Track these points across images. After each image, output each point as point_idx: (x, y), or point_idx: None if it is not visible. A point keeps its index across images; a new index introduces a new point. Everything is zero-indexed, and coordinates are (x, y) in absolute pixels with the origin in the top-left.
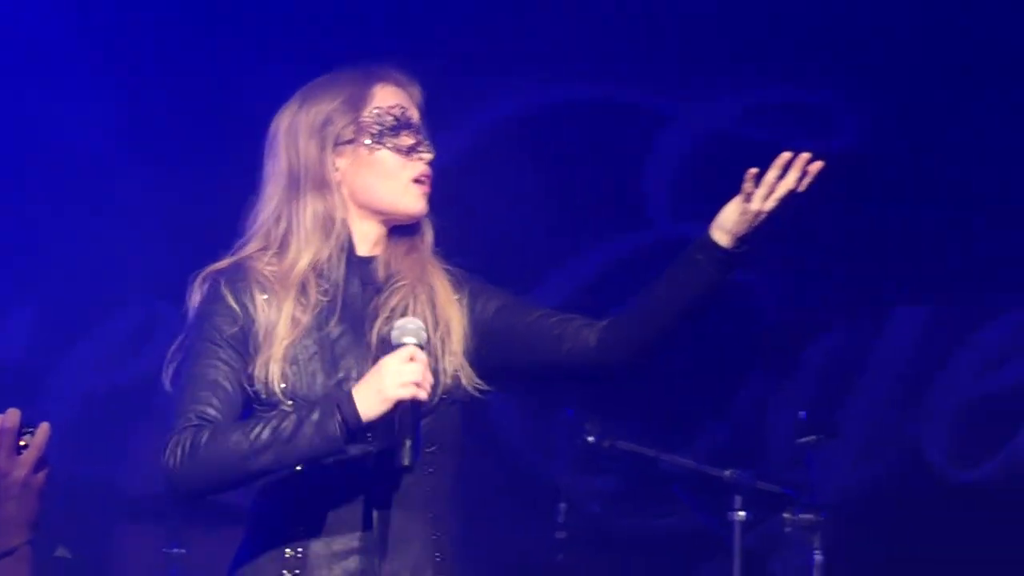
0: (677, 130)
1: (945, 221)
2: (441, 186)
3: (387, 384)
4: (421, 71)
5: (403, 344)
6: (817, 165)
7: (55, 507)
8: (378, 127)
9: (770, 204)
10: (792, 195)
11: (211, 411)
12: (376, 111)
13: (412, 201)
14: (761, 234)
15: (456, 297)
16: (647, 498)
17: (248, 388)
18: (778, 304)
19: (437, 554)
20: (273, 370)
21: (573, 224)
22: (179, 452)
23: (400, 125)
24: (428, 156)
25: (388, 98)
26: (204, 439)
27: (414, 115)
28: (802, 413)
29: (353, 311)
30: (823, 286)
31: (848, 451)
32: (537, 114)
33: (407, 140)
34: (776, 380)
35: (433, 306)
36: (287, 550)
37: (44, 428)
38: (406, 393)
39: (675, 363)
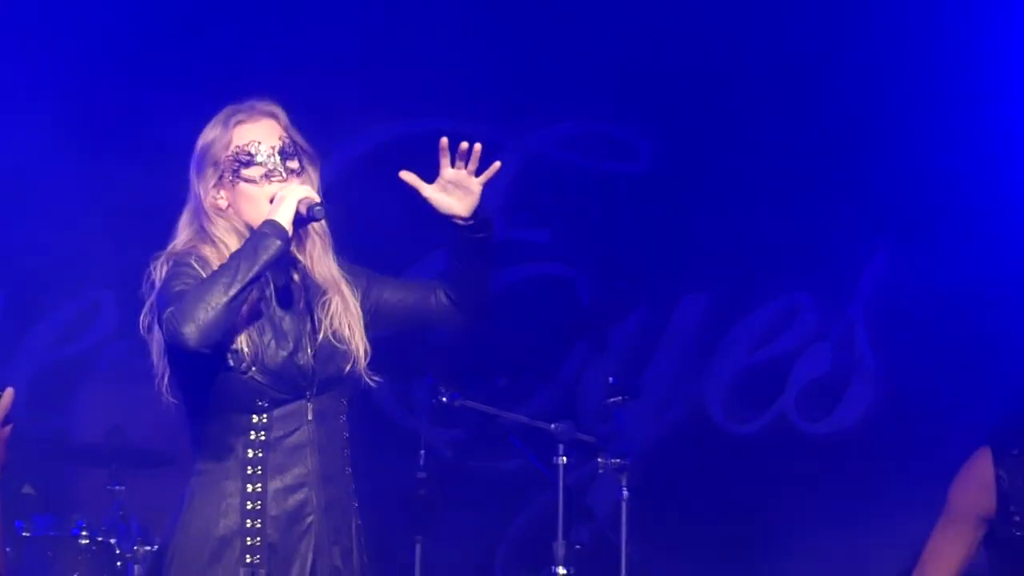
0: (509, 154)
1: (721, 226)
2: (328, 200)
3: (289, 195)
4: (303, 109)
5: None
6: (477, 148)
7: (20, 454)
8: (237, 164)
9: (478, 187)
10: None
11: None
12: (235, 150)
13: (281, 222)
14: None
15: (354, 288)
16: (489, 446)
17: None
18: (591, 293)
19: (351, 486)
20: (241, 338)
21: (427, 229)
22: (173, 314)
23: (251, 160)
24: (279, 179)
25: (244, 136)
26: (185, 298)
27: (267, 146)
28: (611, 379)
29: (285, 292)
30: (627, 279)
31: (647, 408)
32: (397, 143)
33: (260, 170)
34: (590, 353)
35: (346, 303)
36: (248, 486)
37: (9, 392)
38: (304, 194)
39: (511, 339)
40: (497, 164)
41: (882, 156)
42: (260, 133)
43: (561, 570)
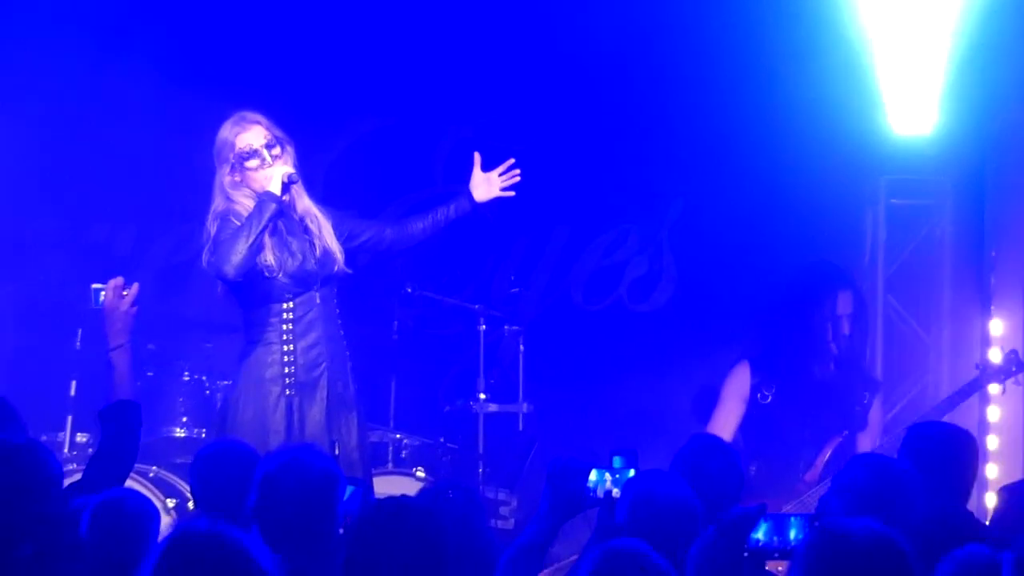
0: (450, 140)
1: (576, 183)
2: (324, 174)
3: (275, 174)
4: (291, 115)
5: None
6: (516, 172)
7: (146, 324)
8: (240, 159)
9: (498, 189)
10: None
11: None
12: (238, 151)
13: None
14: None
15: (330, 222)
16: (440, 320)
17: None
18: (497, 228)
19: (344, 343)
20: (268, 256)
21: (392, 182)
22: (216, 259)
23: (249, 156)
24: (268, 165)
25: (242, 141)
26: (221, 247)
27: (259, 145)
28: (512, 276)
29: (290, 225)
30: (518, 218)
31: (535, 294)
32: (375, 134)
33: (255, 162)
34: (498, 261)
35: (322, 228)
36: (284, 347)
37: (135, 286)
38: (283, 170)
39: (451, 254)
40: (511, 174)
41: (684, 135)
42: (252, 137)
43: (482, 395)
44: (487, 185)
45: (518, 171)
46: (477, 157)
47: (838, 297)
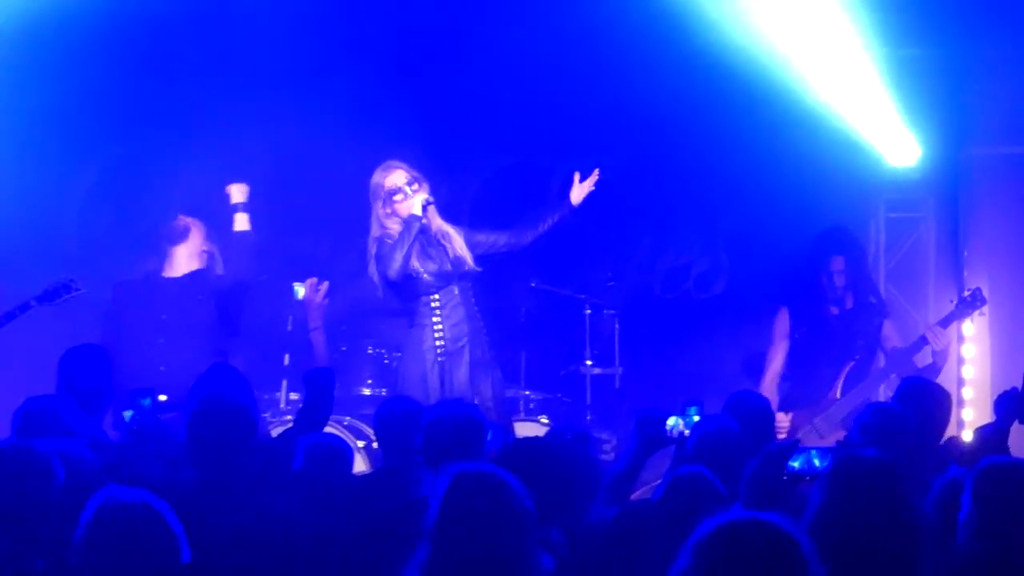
0: (553, 171)
1: (654, 207)
2: (471, 200)
3: (415, 201)
4: (422, 159)
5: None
6: (595, 176)
7: (336, 314)
8: (390, 195)
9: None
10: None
11: None
12: (387, 189)
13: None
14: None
15: (461, 235)
16: (556, 306)
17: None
18: (600, 241)
19: (482, 322)
20: (415, 262)
21: (519, 203)
22: (383, 268)
23: (396, 192)
24: (410, 197)
25: (389, 182)
26: (384, 259)
27: (402, 183)
28: (609, 273)
29: (427, 238)
30: (614, 234)
31: (626, 288)
32: (507, 170)
33: (400, 196)
34: (594, 263)
35: (453, 240)
36: (436, 326)
37: (325, 283)
38: (422, 198)
39: (561, 259)
40: (594, 176)
41: (738, 170)
42: (397, 178)
43: (588, 362)
44: (580, 191)
45: (597, 173)
46: (576, 176)
47: (831, 260)
